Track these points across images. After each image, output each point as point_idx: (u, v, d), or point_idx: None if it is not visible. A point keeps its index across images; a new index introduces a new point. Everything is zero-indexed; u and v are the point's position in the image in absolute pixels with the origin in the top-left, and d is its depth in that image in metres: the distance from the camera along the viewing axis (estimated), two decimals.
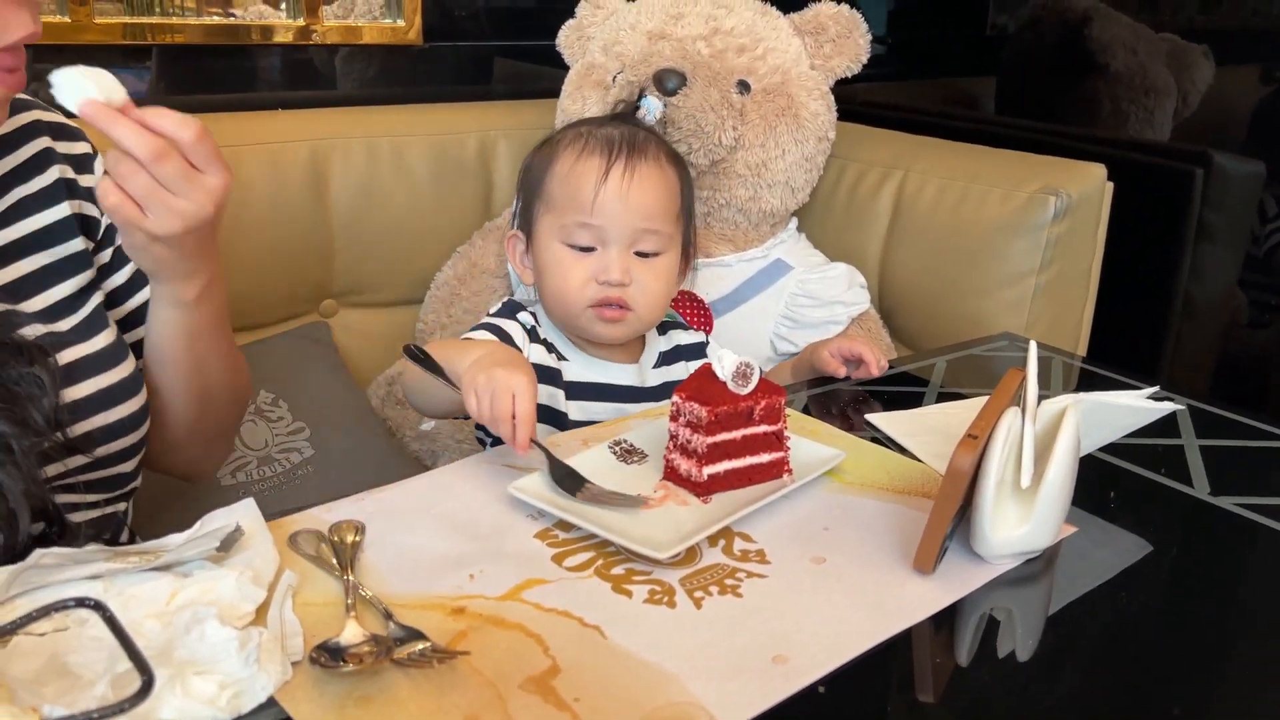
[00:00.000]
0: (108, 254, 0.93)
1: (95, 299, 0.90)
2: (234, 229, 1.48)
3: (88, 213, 0.92)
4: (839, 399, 1.11)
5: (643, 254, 1.07)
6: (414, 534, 0.78)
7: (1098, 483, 0.90)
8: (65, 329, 0.86)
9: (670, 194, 1.09)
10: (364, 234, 1.63)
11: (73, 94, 0.74)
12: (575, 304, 1.07)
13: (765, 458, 0.87)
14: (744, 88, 1.53)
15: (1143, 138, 1.79)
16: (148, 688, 0.54)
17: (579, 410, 1.08)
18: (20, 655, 0.59)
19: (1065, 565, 0.79)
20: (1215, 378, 1.79)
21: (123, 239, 0.81)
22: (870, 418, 1.03)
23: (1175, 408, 0.87)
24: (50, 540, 0.72)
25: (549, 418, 1.06)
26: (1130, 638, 0.72)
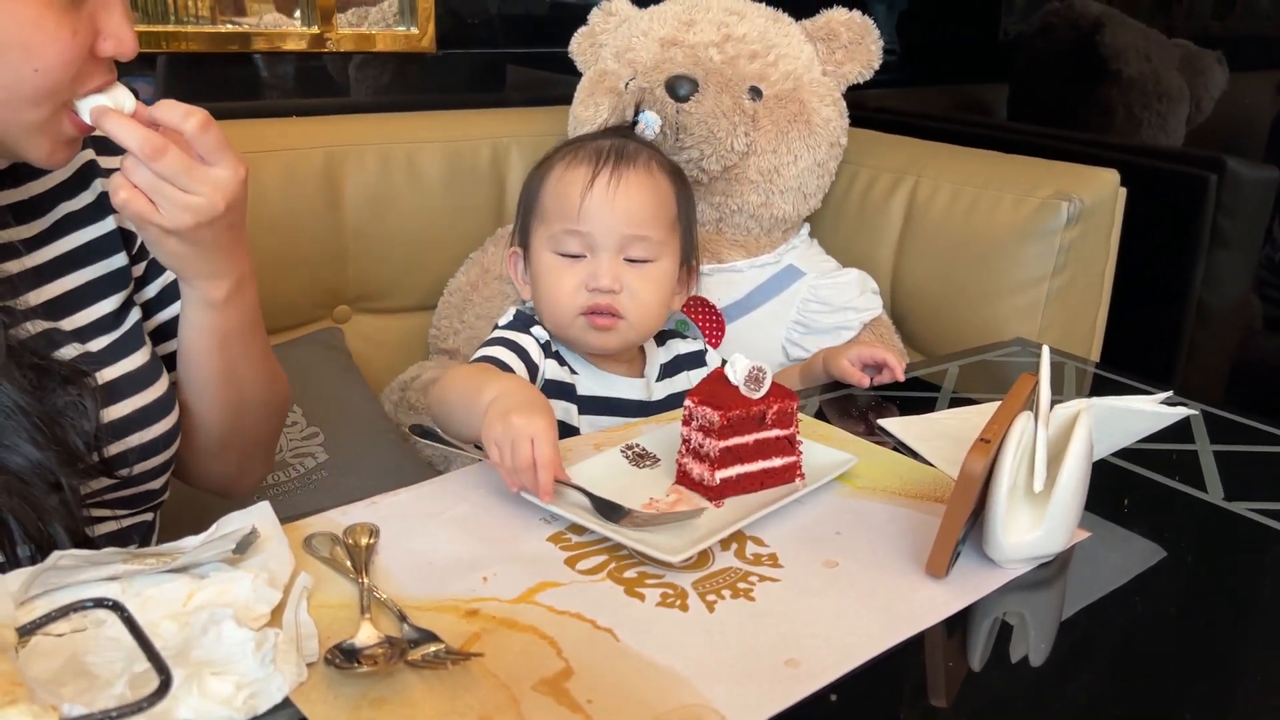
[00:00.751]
0: (140, 267, 0.93)
1: (134, 315, 0.90)
2: (249, 235, 1.49)
3: (126, 226, 0.91)
4: (851, 404, 1.11)
5: (634, 261, 1.07)
6: (427, 537, 0.78)
7: (1111, 488, 0.90)
8: (105, 346, 0.86)
9: (660, 201, 1.09)
10: (378, 240, 1.64)
11: (85, 102, 0.76)
12: (566, 312, 1.06)
13: (777, 462, 0.87)
14: (756, 94, 1.53)
15: (1156, 143, 1.79)
16: (165, 687, 0.54)
17: (590, 425, 1.08)
18: (39, 655, 0.59)
19: (1078, 570, 0.79)
20: (1229, 383, 1.78)
21: (140, 235, 0.81)
22: (882, 422, 1.03)
23: (1189, 413, 0.86)
24: None
25: (564, 432, 1.05)
26: (1143, 643, 0.72)
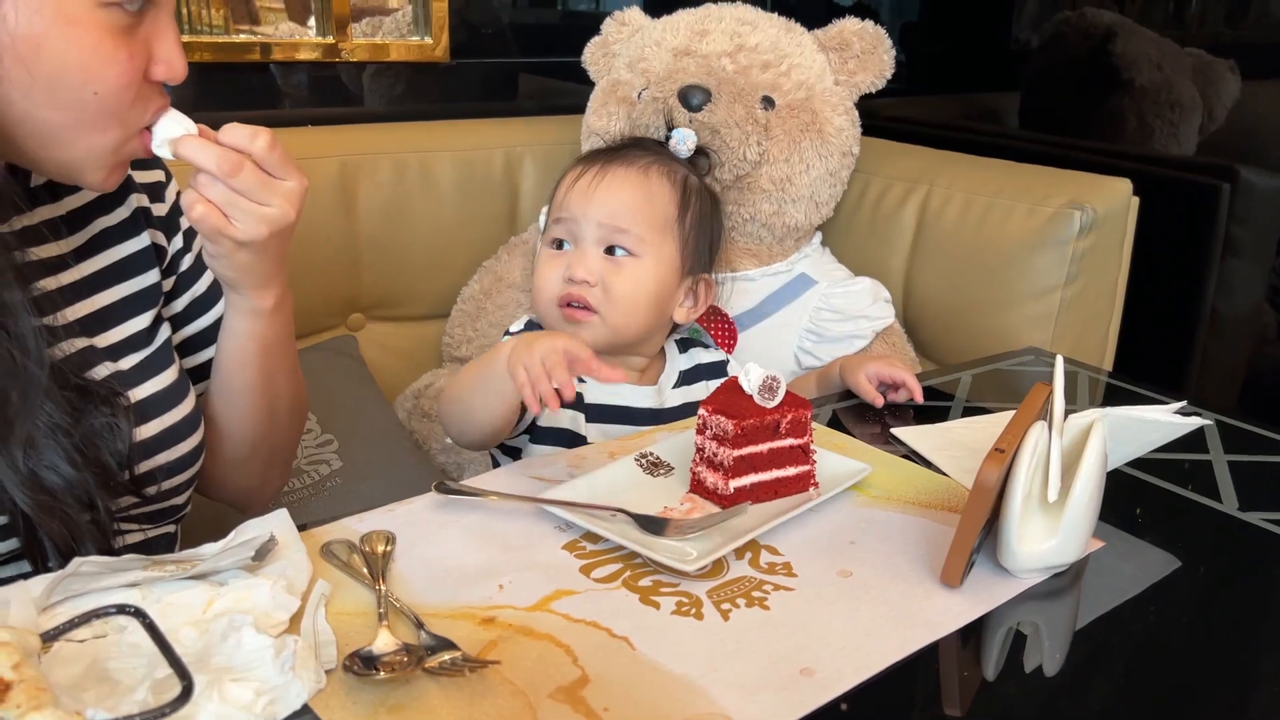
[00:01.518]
0: (170, 282, 0.94)
1: (164, 331, 0.91)
2: None
3: (158, 242, 0.92)
4: (865, 413, 1.11)
5: (617, 257, 1.08)
6: (443, 545, 0.78)
7: (1125, 498, 0.90)
8: (137, 363, 0.87)
9: (648, 199, 1.10)
10: (391, 249, 1.65)
11: (161, 137, 0.79)
12: (547, 301, 1.08)
13: (792, 471, 0.87)
14: (768, 103, 1.54)
15: (1168, 152, 1.78)
16: (188, 692, 0.55)
17: (599, 433, 1.08)
18: (61, 661, 0.60)
19: (1092, 580, 0.79)
20: (1243, 393, 1.78)
21: (207, 248, 0.82)
22: (896, 432, 1.03)
23: (1203, 422, 0.86)
24: None
25: (571, 441, 1.06)
26: (1158, 653, 0.72)
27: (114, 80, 0.73)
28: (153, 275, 0.90)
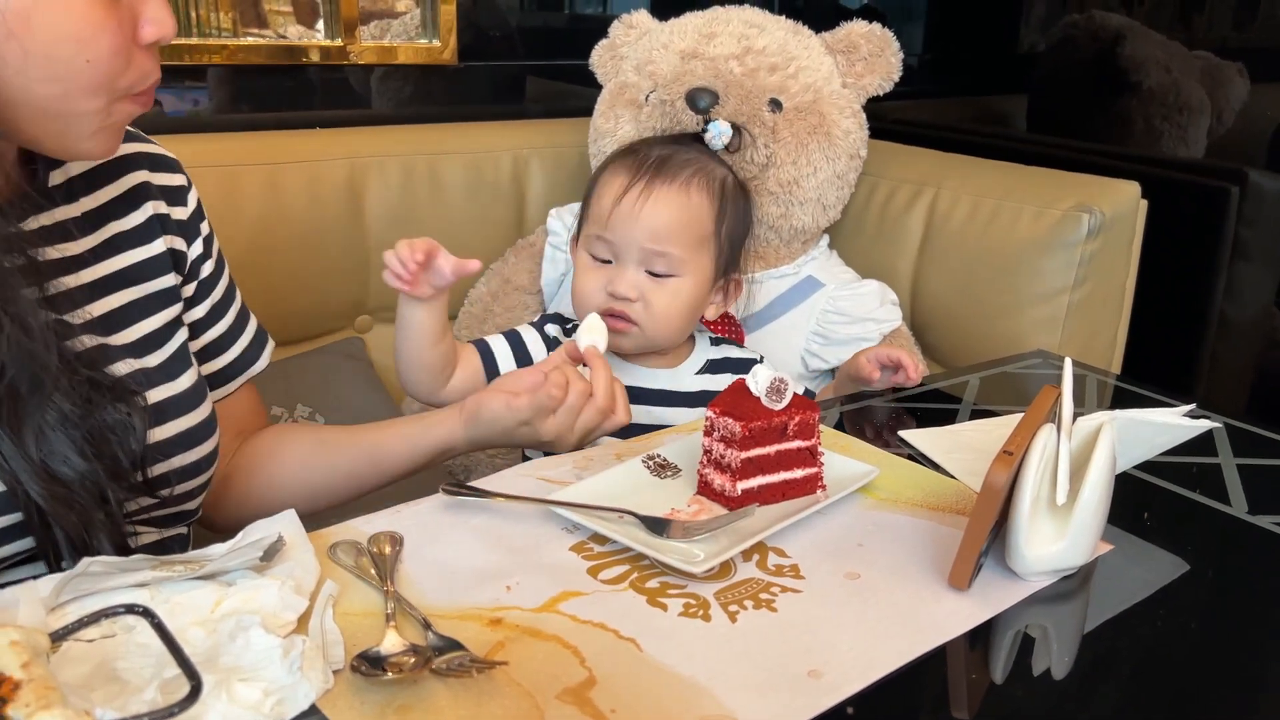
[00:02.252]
0: (191, 288, 0.94)
1: (180, 335, 0.91)
2: (272, 246, 1.51)
3: (176, 247, 0.93)
4: (873, 415, 1.11)
5: (656, 274, 1.12)
6: (451, 546, 0.79)
7: (1134, 501, 0.90)
8: (152, 365, 0.87)
9: (690, 218, 1.12)
10: None
11: (588, 337, 1.02)
12: (589, 309, 1.12)
13: (799, 473, 0.87)
14: (776, 106, 1.53)
15: (1177, 155, 1.78)
16: (196, 692, 0.55)
17: None
18: (70, 661, 0.60)
19: (1101, 583, 0.78)
20: (1252, 396, 1.77)
21: (501, 421, 0.97)
22: (904, 434, 1.03)
23: (1212, 425, 0.86)
24: None
25: None
26: (1166, 657, 0.71)
27: (106, 47, 0.73)
28: (168, 279, 0.91)
